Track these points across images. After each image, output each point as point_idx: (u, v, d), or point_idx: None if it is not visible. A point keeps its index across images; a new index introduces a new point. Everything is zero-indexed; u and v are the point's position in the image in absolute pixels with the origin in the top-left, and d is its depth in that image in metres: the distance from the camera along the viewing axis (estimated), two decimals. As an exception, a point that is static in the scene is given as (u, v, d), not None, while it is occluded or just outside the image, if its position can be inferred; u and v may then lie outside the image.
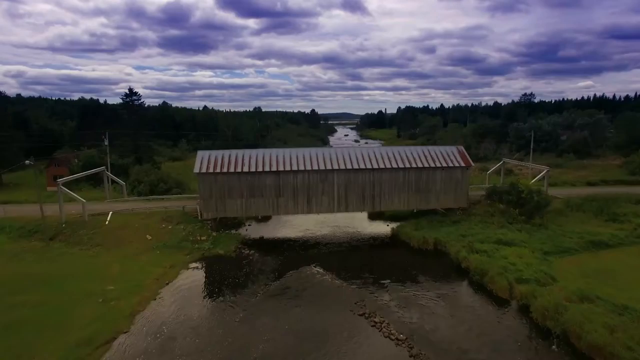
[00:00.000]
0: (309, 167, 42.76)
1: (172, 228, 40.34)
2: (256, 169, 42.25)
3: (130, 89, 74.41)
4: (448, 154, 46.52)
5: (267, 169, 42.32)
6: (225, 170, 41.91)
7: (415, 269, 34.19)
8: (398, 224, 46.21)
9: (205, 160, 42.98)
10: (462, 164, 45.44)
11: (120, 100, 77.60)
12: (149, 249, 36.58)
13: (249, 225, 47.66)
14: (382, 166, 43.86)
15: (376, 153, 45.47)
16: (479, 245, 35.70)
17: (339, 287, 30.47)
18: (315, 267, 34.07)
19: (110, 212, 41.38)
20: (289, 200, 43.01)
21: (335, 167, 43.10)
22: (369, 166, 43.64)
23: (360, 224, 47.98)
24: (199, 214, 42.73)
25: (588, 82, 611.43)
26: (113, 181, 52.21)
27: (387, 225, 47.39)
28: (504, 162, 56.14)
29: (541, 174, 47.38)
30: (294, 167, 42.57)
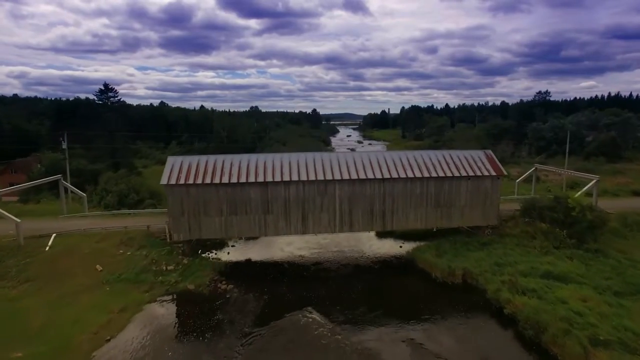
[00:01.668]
0: (304, 177, 34.49)
1: (131, 254, 32.09)
2: (238, 179, 33.98)
3: (106, 84, 66.15)
4: (475, 160, 38.14)
5: (252, 179, 34.05)
6: (199, 181, 33.67)
7: (443, 315, 25.81)
8: (413, 244, 37.96)
9: (176, 168, 34.75)
10: (492, 173, 37.07)
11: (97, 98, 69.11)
12: (96, 284, 28.31)
13: (232, 246, 39.43)
14: (394, 175, 35.53)
15: (387, 159, 37.14)
16: (524, 281, 27.36)
17: (342, 346, 22.15)
18: (309, 312, 25.76)
19: (54, 235, 33.10)
20: (280, 218, 34.71)
21: (337, 176, 34.80)
22: (378, 175, 35.32)
23: (367, 245, 39.61)
24: (168, 236, 34.50)
25: (591, 82, 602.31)
26: (74, 192, 44.00)
27: (400, 246, 39.05)
28: (537, 167, 47.61)
29: (590, 184, 38.81)
30: (286, 177, 34.31)
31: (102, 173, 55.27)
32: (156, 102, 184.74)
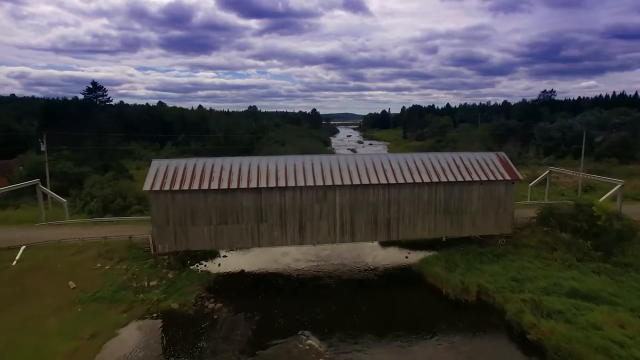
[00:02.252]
0: (301, 183, 31.37)
1: (109, 269, 28.99)
2: (229, 184, 30.88)
3: (94, 83, 62.94)
4: (487, 163, 35.09)
5: (244, 184, 30.94)
6: (186, 186, 30.57)
7: (459, 341, 22.71)
8: (420, 254, 35.08)
9: (160, 173, 31.64)
10: (507, 177, 33.99)
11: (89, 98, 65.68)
12: (67, 304, 25.21)
13: (224, 256, 36.35)
14: (400, 180, 32.43)
15: (392, 162, 34.04)
16: (547, 301, 24.31)
17: (343, 383, 19.06)
18: (305, 339, 22.67)
19: (23, 247, 29.98)
20: (274, 227, 31.60)
21: (338, 181, 31.68)
22: (382, 180, 32.22)
23: (370, 255, 36.48)
24: (152, 247, 31.40)
25: (591, 82, 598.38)
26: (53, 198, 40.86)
27: (406, 257, 36.00)
28: (551, 171, 44.54)
29: (614, 189, 35.67)
30: (281, 183, 31.20)
31: (88, 176, 52.12)
32: (156, 102, 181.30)
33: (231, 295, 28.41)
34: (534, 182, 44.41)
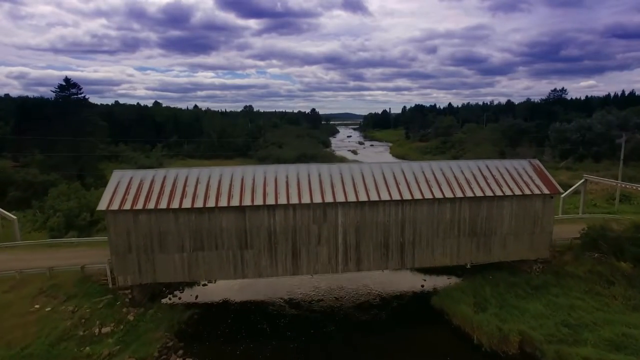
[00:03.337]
0: (295, 199, 25.31)
1: (51, 311, 22.86)
2: (205, 202, 24.81)
3: (67, 80, 56.43)
4: (519, 174, 29.09)
5: (224, 202, 24.87)
6: (152, 205, 24.51)
7: None
8: (438, 280, 29.67)
9: (122, 187, 25.58)
10: (544, 190, 27.97)
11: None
12: (-16, 366, 19.16)
13: (203, 285, 30.34)
14: (416, 195, 26.35)
15: (406, 173, 27.93)
16: (619, 361, 18.29)
17: None
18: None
19: (-59, 285, 23.89)
20: (262, 254, 25.52)
21: (340, 198, 25.60)
22: (395, 195, 26.13)
23: (379, 284, 30.32)
24: (110, 279, 25.33)
25: (591, 82, 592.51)
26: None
27: (422, 285, 30.01)
28: (586, 180, 38.55)
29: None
30: (270, 200, 25.14)
31: (57, 185, 45.98)
32: (156, 103, 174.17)
33: (205, 345, 22.39)
34: (568, 192, 38.26)
